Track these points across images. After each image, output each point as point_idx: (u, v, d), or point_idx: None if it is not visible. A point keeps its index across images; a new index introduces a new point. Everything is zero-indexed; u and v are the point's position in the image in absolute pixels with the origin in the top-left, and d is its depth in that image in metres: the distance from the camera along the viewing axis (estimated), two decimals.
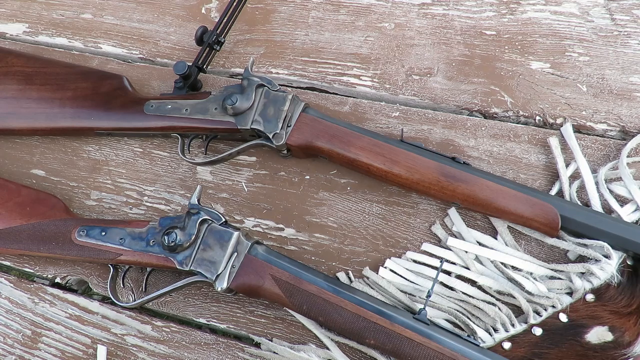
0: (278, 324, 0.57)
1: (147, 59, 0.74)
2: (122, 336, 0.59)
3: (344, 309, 0.50)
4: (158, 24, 0.76)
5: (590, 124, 0.60)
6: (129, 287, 0.61)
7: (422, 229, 0.58)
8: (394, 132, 0.63)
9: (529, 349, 0.51)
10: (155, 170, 0.67)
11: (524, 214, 0.52)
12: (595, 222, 0.51)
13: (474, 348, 0.47)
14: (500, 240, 0.56)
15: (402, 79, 0.66)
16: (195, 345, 0.58)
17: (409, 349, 0.48)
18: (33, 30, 0.79)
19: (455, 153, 0.60)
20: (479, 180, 0.53)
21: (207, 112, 0.60)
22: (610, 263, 0.50)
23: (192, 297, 0.60)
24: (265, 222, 0.62)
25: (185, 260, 0.53)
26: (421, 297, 0.54)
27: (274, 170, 0.64)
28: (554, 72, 0.63)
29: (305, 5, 0.72)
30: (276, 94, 0.58)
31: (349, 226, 0.60)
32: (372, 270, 0.57)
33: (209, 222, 0.54)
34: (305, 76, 0.69)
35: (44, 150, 0.70)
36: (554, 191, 0.56)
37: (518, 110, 0.62)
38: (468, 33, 0.66)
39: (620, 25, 0.63)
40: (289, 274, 0.51)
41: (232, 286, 0.52)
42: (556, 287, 0.52)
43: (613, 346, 0.49)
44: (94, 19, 0.78)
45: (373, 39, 0.69)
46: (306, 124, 0.58)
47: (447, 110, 0.64)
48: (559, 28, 0.64)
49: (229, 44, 0.72)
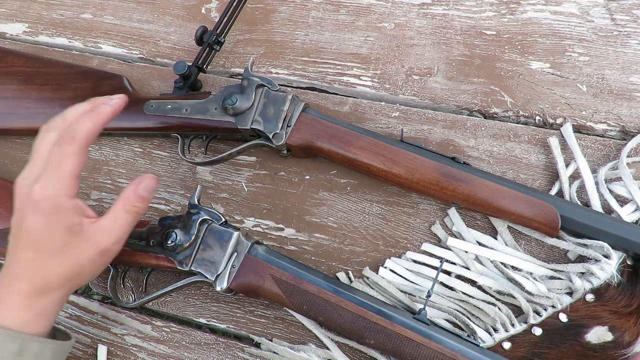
0: (278, 324, 0.57)
1: (147, 59, 0.74)
2: (122, 336, 0.59)
3: (344, 309, 0.50)
4: (158, 24, 0.76)
5: (590, 124, 0.60)
6: (129, 287, 0.61)
7: (422, 229, 0.58)
8: (394, 132, 0.63)
9: (529, 349, 0.51)
10: (155, 170, 0.67)
11: (524, 214, 0.52)
12: (595, 222, 0.51)
13: (474, 348, 0.47)
14: (500, 240, 0.56)
15: (402, 79, 0.66)
16: (195, 345, 0.58)
17: (409, 349, 0.48)
18: (33, 30, 0.79)
19: (455, 153, 0.61)
20: (479, 180, 0.53)
21: (207, 112, 0.60)
22: (610, 263, 0.50)
23: (192, 297, 0.60)
24: (265, 222, 0.62)
25: (185, 260, 0.53)
26: (421, 297, 0.54)
27: (274, 170, 0.64)
28: (554, 72, 0.63)
29: (305, 5, 0.72)
30: (276, 94, 0.58)
31: (349, 226, 0.60)
32: (372, 270, 0.57)
33: (209, 222, 0.54)
34: (305, 76, 0.69)
35: None
36: (554, 191, 0.56)
37: (518, 110, 0.62)
38: (468, 33, 0.66)
39: (620, 25, 0.63)
40: (289, 274, 0.51)
41: (232, 286, 0.52)
42: (556, 287, 0.52)
43: (613, 346, 0.49)
44: (94, 19, 0.78)
45: (373, 39, 0.69)
46: (306, 124, 0.58)
47: (447, 110, 0.64)
48: (559, 28, 0.64)
49: (229, 44, 0.72)
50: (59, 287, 0.46)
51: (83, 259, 0.46)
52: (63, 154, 0.44)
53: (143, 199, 0.47)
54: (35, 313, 0.45)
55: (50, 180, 0.44)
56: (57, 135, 0.45)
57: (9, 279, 0.46)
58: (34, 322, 0.45)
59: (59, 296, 0.47)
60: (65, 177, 0.44)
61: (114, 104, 0.48)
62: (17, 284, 0.45)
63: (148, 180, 0.47)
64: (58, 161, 0.44)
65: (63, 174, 0.44)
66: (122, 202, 0.47)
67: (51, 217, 0.44)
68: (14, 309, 0.45)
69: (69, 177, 0.44)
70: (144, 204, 0.48)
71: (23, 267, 0.45)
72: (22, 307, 0.45)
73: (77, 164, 0.45)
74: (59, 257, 0.45)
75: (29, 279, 0.45)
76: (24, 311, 0.45)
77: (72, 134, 0.45)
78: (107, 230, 0.46)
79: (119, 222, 0.47)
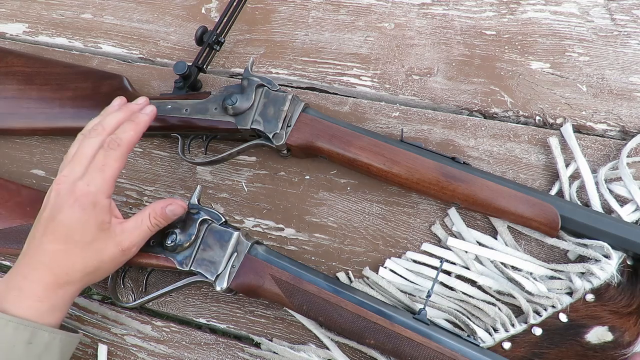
0: (278, 324, 0.57)
1: (147, 59, 0.74)
2: (122, 336, 0.59)
3: (344, 309, 0.50)
4: (158, 24, 0.76)
5: (590, 124, 0.60)
6: (129, 287, 0.61)
7: (422, 229, 0.58)
8: (394, 132, 0.63)
9: (529, 349, 0.51)
10: (155, 170, 0.67)
11: (524, 214, 0.52)
12: (595, 222, 0.51)
13: (473, 348, 0.47)
14: (500, 240, 0.56)
15: (402, 79, 0.66)
16: (195, 345, 0.58)
17: (409, 349, 0.48)
18: (33, 30, 0.79)
19: (455, 153, 0.61)
20: (479, 180, 0.53)
21: (207, 112, 0.60)
22: (610, 263, 0.50)
23: (192, 297, 0.60)
24: (265, 222, 0.62)
25: (185, 260, 0.53)
26: (421, 297, 0.54)
27: (274, 170, 0.64)
28: (554, 72, 0.63)
29: (305, 5, 0.72)
30: (276, 94, 0.58)
31: (349, 226, 0.60)
32: (372, 270, 0.57)
33: (209, 222, 0.54)
34: (305, 76, 0.69)
35: (44, 150, 0.70)
36: (554, 191, 0.56)
37: (518, 110, 0.62)
38: (468, 33, 0.66)
39: (620, 25, 0.63)
40: (289, 274, 0.51)
41: (232, 286, 0.52)
42: (556, 287, 0.52)
43: (613, 346, 0.49)
44: (94, 19, 0.78)
45: (373, 39, 0.69)
46: (306, 124, 0.58)
47: (447, 110, 0.64)
48: (559, 28, 0.64)
49: (229, 44, 0.72)
50: (77, 280, 0.49)
51: (105, 255, 0.49)
52: (108, 158, 0.49)
53: (167, 217, 0.52)
54: (50, 305, 0.48)
55: (94, 179, 0.48)
56: (101, 141, 0.50)
57: (29, 269, 0.48)
58: (47, 314, 0.48)
59: (74, 290, 0.50)
60: (108, 179, 0.49)
61: (149, 113, 0.54)
62: (38, 274, 0.47)
63: (177, 206, 0.52)
64: (103, 164, 0.49)
65: (106, 175, 0.49)
66: (150, 211, 0.51)
67: (88, 212, 0.48)
68: (31, 299, 0.47)
69: (110, 179, 0.49)
70: (165, 221, 0.52)
71: (49, 258, 0.48)
72: (39, 297, 0.47)
73: (118, 168, 0.50)
74: (84, 250, 0.48)
75: (51, 270, 0.48)
76: (40, 302, 0.47)
77: (117, 141, 0.50)
78: (131, 232, 0.50)
79: (142, 228, 0.51)
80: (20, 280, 0.48)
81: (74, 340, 0.50)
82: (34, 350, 0.46)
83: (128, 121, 0.52)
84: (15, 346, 0.45)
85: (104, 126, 0.52)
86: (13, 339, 0.45)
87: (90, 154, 0.50)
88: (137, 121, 0.52)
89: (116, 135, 0.51)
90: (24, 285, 0.47)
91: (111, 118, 0.53)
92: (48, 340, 0.47)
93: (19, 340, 0.45)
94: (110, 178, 0.50)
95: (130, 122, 0.52)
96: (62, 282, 0.48)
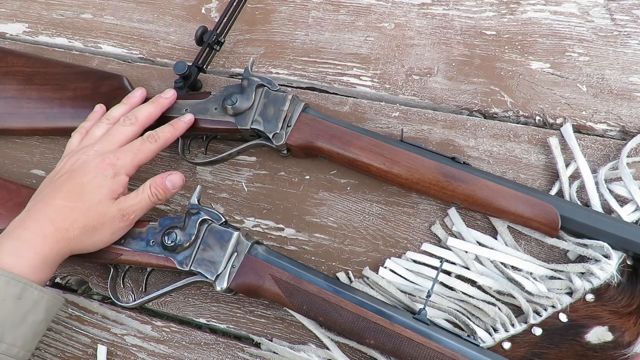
0: (278, 324, 0.57)
1: (147, 59, 0.74)
2: (122, 336, 0.59)
3: (344, 309, 0.50)
4: (158, 24, 0.76)
5: (590, 124, 0.60)
6: (129, 287, 0.61)
7: (422, 229, 0.58)
8: (394, 132, 0.63)
9: (529, 349, 0.51)
10: (155, 170, 0.66)
11: (524, 214, 0.52)
12: (595, 222, 0.51)
13: (473, 348, 0.47)
14: (500, 240, 0.56)
15: (402, 79, 0.66)
16: (195, 345, 0.58)
17: (409, 349, 0.48)
18: (33, 30, 0.79)
19: (455, 153, 0.61)
20: (479, 180, 0.53)
21: (207, 112, 0.60)
22: (610, 263, 0.50)
23: (192, 297, 0.60)
24: (265, 222, 0.62)
25: (185, 260, 0.53)
26: (421, 297, 0.54)
27: (274, 170, 0.64)
28: (554, 72, 0.63)
29: (305, 5, 0.72)
30: (276, 94, 0.58)
31: (349, 226, 0.60)
32: (372, 270, 0.57)
33: (209, 222, 0.54)
34: (305, 76, 0.69)
35: (44, 150, 0.70)
36: (554, 191, 0.56)
37: (518, 110, 0.62)
38: (468, 33, 0.66)
39: (620, 25, 0.63)
40: (289, 274, 0.51)
41: (232, 286, 0.52)
42: (556, 287, 0.52)
43: (613, 346, 0.49)
44: (94, 19, 0.78)
45: (373, 39, 0.69)
46: (306, 124, 0.58)
47: (447, 110, 0.64)
48: (559, 28, 0.64)
49: (229, 44, 0.72)
50: (75, 238, 0.52)
51: (106, 217, 0.53)
52: (144, 147, 0.56)
53: (166, 189, 0.55)
54: (43, 258, 0.50)
55: (125, 157, 0.55)
56: (135, 131, 0.57)
57: (31, 222, 0.51)
58: (39, 269, 0.49)
59: (68, 249, 0.52)
60: (136, 162, 0.55)
61: (187, 122, 0.59)
62: (39, 225, 0.50)
63: (176, 176, 0.56)
64: (137, 150, 0.56)
65: (136, 158, 0.55)
66: (151, 182, 0.55)
67: (108, 179, 0.53)
68: (28, 250, 0.49)
69: (137, 163, 0.56)
70: (165, 193, 0.56)
71: (55, 213, 0.51)
72: (36, 249, 0.49)
73: (146, 159, 0.56)
74: (89, 210, 0.52)
75: (54, 224, 0.51)
76: (35, 254, 0.49)
77: (156, 137, 0.57)
78: (132, 199, 0.54)
79: (143, 196, 0.55)
80: (21, 231, 0.50)
81: (57, 303, 0.52)
82: (22, 307, 0.47)
83: (168, 124, 0.58)
84: (5, 300, 0.46)
85: (137, 117, 0.58)
86: (4, 292, 0.46)
87: (123, 140, 0.56)
88: (176, 126, 0.58)
89: (156, 132, 0.57)
90: (24, 235, 0.50)
91: (144, 110, 0.59)
92: (37, 298, 0.48)
93: (9, 294, 0.46)
94: (138, 162, 0.55)
95: (170, 125, 0.58)
96: (60, 237, 0.51)
